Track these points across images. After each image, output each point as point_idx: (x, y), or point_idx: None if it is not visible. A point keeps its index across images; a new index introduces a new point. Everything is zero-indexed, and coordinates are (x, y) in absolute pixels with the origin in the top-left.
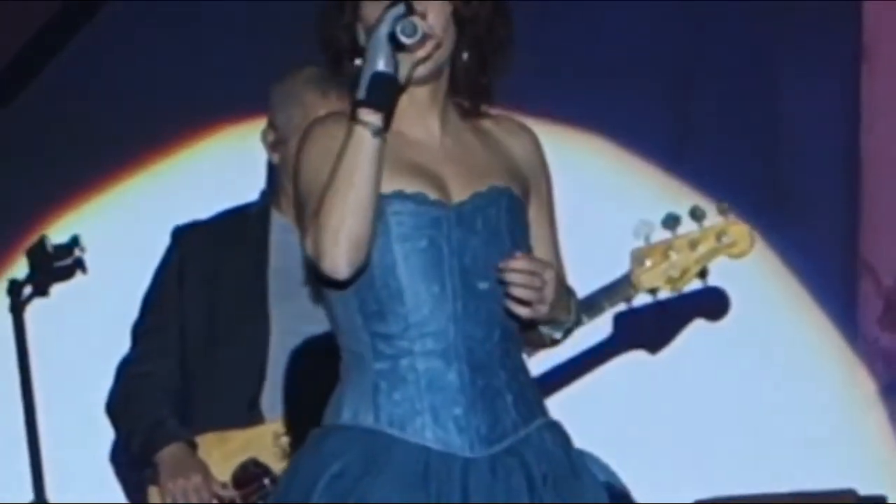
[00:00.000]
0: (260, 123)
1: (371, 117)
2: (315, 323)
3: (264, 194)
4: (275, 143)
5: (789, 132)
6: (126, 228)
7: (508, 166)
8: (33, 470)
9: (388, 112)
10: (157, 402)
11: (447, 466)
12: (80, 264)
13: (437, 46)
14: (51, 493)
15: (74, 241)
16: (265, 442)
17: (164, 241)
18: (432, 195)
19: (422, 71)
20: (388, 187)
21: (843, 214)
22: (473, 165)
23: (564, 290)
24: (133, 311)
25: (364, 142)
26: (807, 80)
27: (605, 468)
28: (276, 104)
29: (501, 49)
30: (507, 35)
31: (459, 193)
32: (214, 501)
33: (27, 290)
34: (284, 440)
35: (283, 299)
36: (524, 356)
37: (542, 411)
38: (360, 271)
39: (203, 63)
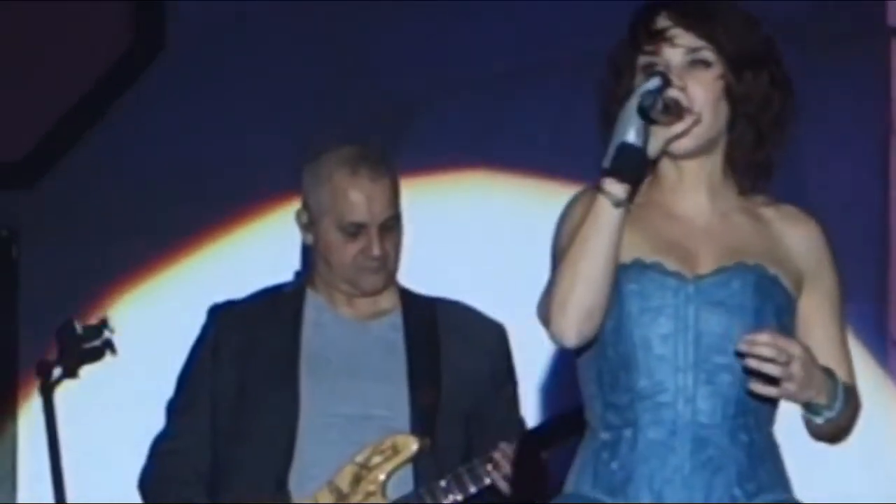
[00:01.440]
0: (293, 205)
1: (613, 187)
2: (346, 402)
3: (298, 274)
4: (307, 224)
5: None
6: (160, 311)
7: (777, 253)
8: None
9: (633, 183)
10: (186, 481)
11: None
12: (109, 345)
13: (696, 122)
14: None
15: (104, 323)
16: None
17: (199, 320)
18: (672, 266)
19: (682, 146)
20: (629, 256)
21: (871, 289)
22: (730, 243)
23: (825, 374)
24: (163, 392)
25: (603, 211)
26: (835, 155)
27: None
28: (307, 185)
29: (778, 125)
30: (785, 110)
31: (705, 268)
32: None
33: (56, 371)
34: None
35: (315, 379)
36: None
37: (778, 487)
38: (593, 341)
39: (236, 147)
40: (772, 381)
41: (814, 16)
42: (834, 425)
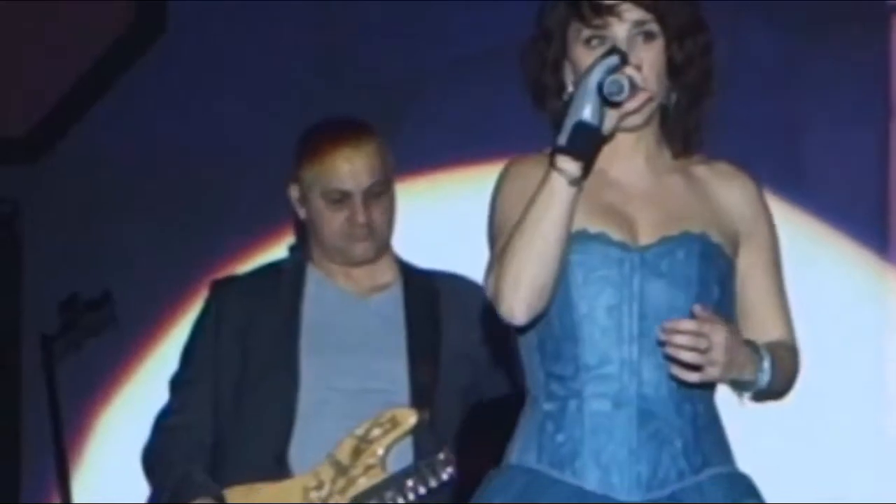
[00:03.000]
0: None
1: (569, 165)
2: (346, 377)
3: (292, 248)
4: (299, 198)
5: (818, 187)
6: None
7: (714, 213)
8: None
9: (588, 162)
10: (188, 455)
11: None
12: (111, 318)
13: (650, 100)
14: None
15: (106, 296)
16: (294, 495)
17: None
18: (616, 236)
19: (631, 122)
20: (574, 226)
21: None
22: (671, 209)
23: (749, 350)
24: (165, 367)
25: (558, 189)
26: (836, 134)
27: None
28: (296, 158)
29: (711, 89)
30: (713, 73)
31: (648, 236)
32: None
33: (59, 344)
34: (315, 494)
35: (315, 353)
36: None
37: (723, 461)
38: (540, 316)
39: (231, 131)
40: (693, 366)
41: None
42: (766, 393)
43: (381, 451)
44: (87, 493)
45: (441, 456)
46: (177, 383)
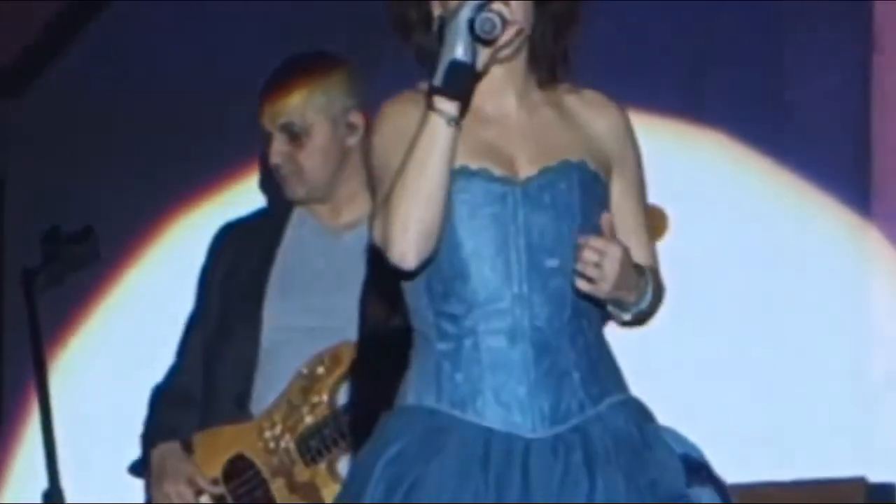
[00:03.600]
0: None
1: (446, 105)
2: (308, 316)
3: None
4: None
5: (800, 125)
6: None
7: (587, 141)
8: (49, 468)
9: (464, 100)
10: (171, 400)
11: (508, 447)
12: (94, 253)
13: (520, 32)
14: (66, 487)
15: (88, 230)
16: (251, 437)
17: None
18: (498, 171)
19: (503, 55)
20: (455, 164)
21: (853, 202)
22: (547, 141)
23: (636, 271)
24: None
25: (438, 130)
26: (818, 74)
27: (683, 441)
28: None
29: (574, 16)
30: (577, 6)
31: (528, 169)
32: (203, 500)
33: (41, 278)
34: (268, 434)
35: (281, 295)
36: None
37: (618, 389)
38: (429, 259)
39: (218, 66)
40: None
41: None
42: (639, 315)
43: (326, 388)
44: (69, 426)
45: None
46: (185, 328)
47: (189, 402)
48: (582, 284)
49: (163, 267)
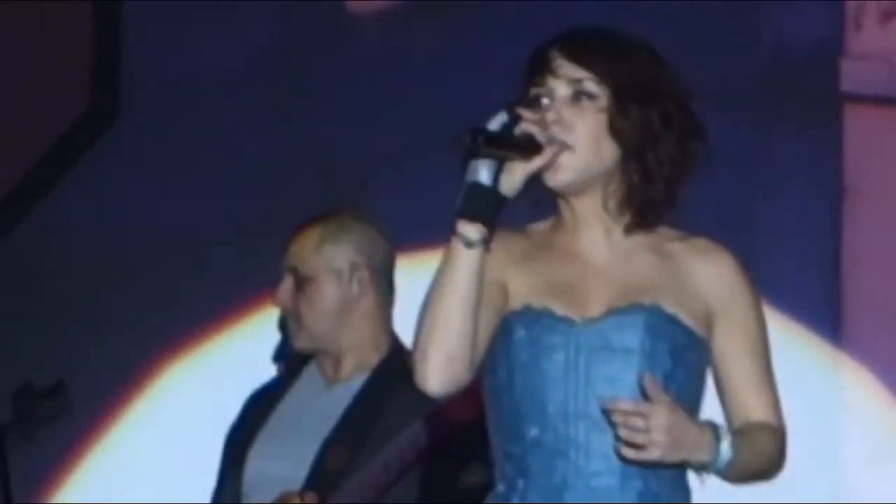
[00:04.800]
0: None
1: (465, 228)
2: (284, 464)
3: None
4: None
5: (769, 265)
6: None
7: (678, 286)
8: None
9: (486, 223)
10: None
11: None
12: (64, 407)
13: (561, 151)
14: None
15: (59, 384)
16: None
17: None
18: (561, 311)
19: (557, 180)
20: (519, 302)
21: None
22: (632, 283)
23: (704, 431)
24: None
25: (456, 254)
26: (789, 220)
27: None
28: None
29: (667, 164)
30: (677, 150)
31: (597, 310)
32: None
33: (12, 435)
34: None
35: (266, 442)
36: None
37: None
38: (492, 392)
39: (192, 217)
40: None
41: (769, 83)
42: (737, 474)
43: None
44: None
45: None
46: None
47: None
48: (628, 452)
49: (133, 416)
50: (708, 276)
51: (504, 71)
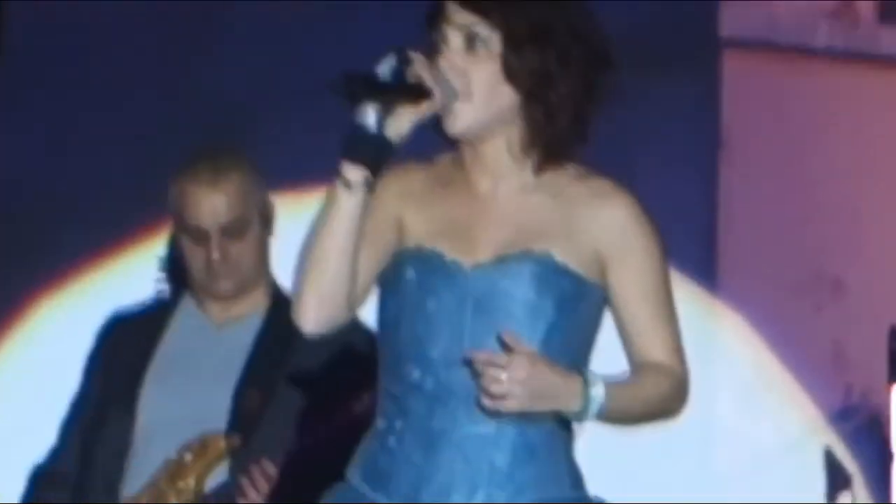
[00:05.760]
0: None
1: (346, 170)
2: (180, 407)
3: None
4: (175, 232)
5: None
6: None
7: (571, 232)
8: None
9: (371, 167)
10: (43, 485)
11: None
12: None
13: (453, 99)
14: None
15: None
16: None
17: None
18: (451, 254)
19: (455, 127)
20: (412, 241)
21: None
22: (523, 228)
23: (570, 380)
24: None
25: (336, 196)
26: (666, 169)
27: None
28: (169, 195)
29: (569, 103)
30: (579, 88)
31: (486, 255)
32: None
33: None
34: None
35: (159, 384)
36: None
37: (542, 487)
38: (383, 327)
39: (71, 163)
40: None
41: (646, 30)
42: (617, 419)
43: (192, 474)
44: None
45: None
46: (67, 411)
47: (65, 485)
48: (486, 402)
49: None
50: (601, 222)
51: (401, 14)
